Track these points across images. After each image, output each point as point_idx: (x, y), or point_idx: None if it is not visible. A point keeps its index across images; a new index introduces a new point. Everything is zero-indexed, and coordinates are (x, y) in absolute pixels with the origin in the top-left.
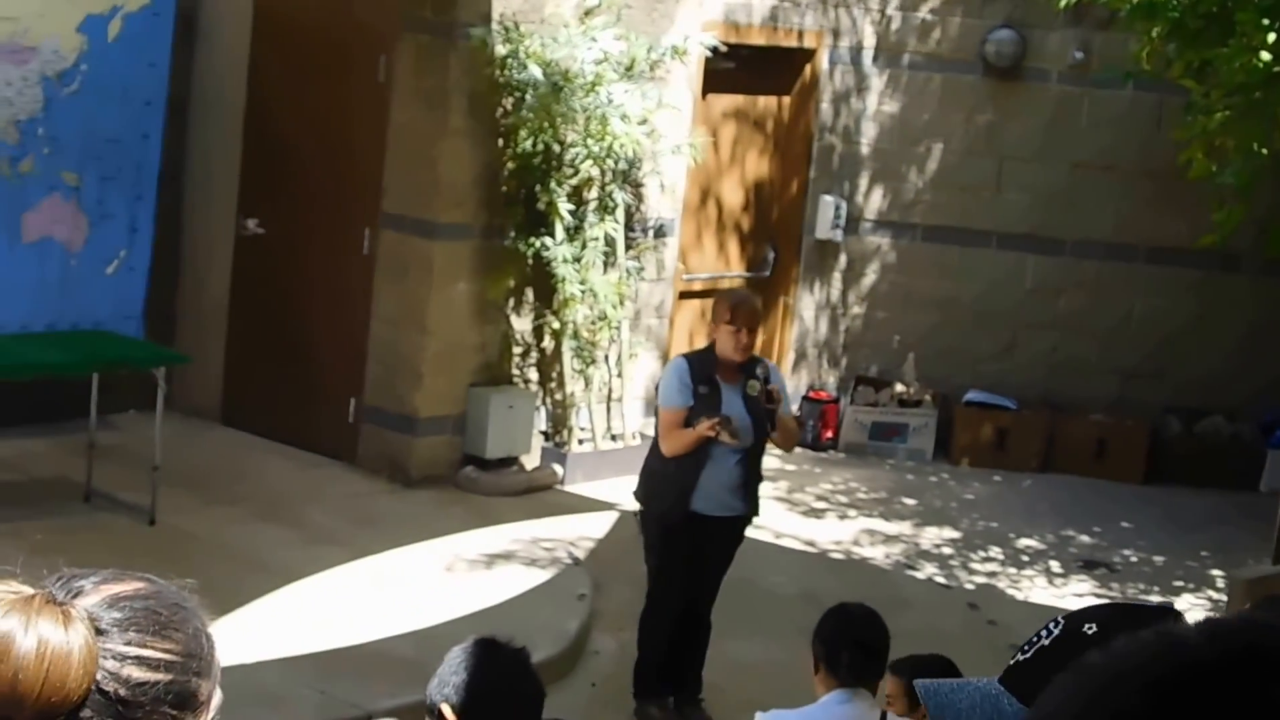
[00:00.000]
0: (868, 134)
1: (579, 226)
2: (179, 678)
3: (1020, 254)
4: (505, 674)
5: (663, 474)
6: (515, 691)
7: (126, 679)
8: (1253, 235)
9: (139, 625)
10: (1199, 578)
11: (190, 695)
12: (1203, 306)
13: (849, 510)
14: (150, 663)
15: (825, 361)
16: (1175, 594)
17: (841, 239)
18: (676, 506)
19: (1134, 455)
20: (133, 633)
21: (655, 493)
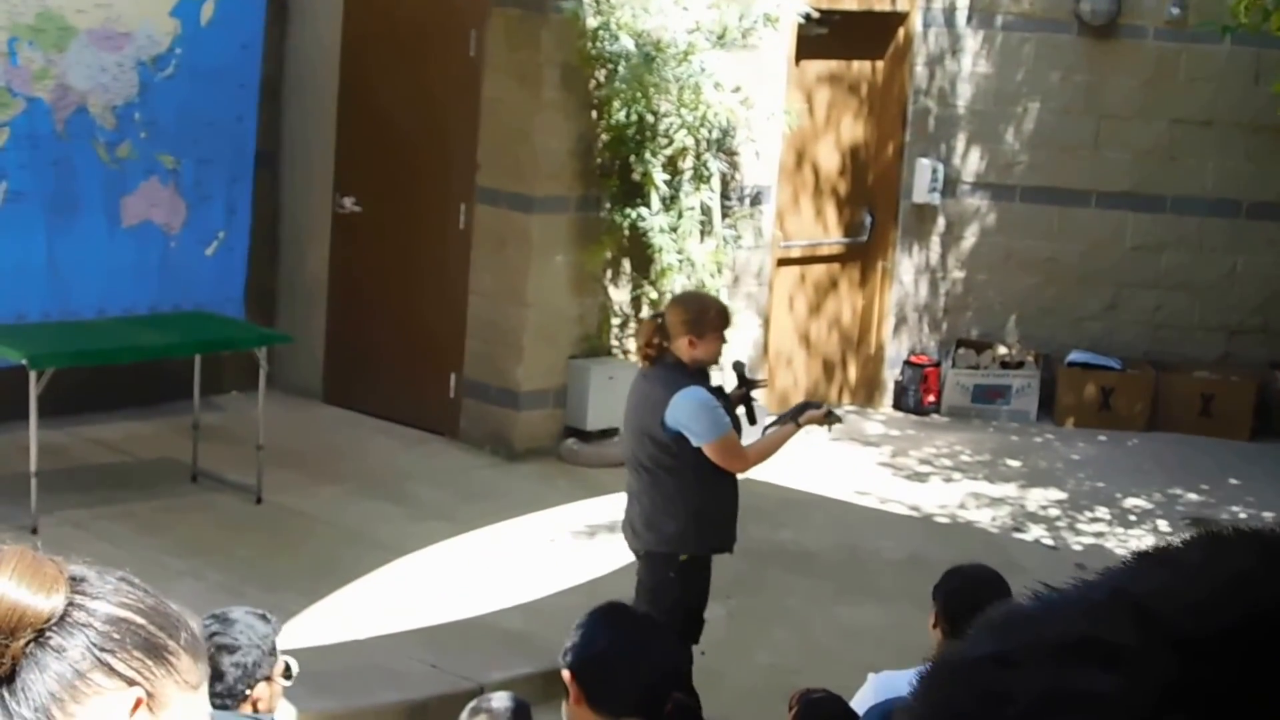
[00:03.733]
0: (963, 96)
1: (674, 196)
2: (151, 624)
3: (1120, 212)
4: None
5: (715, 509)
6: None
7: (95, 611)
8: None
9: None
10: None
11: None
12: None
13: (953, 474)
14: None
15: (925, 325)
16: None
17: (939, 202)
18: (729, 538)
19: (1240, 412)
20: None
21: (706, 530)
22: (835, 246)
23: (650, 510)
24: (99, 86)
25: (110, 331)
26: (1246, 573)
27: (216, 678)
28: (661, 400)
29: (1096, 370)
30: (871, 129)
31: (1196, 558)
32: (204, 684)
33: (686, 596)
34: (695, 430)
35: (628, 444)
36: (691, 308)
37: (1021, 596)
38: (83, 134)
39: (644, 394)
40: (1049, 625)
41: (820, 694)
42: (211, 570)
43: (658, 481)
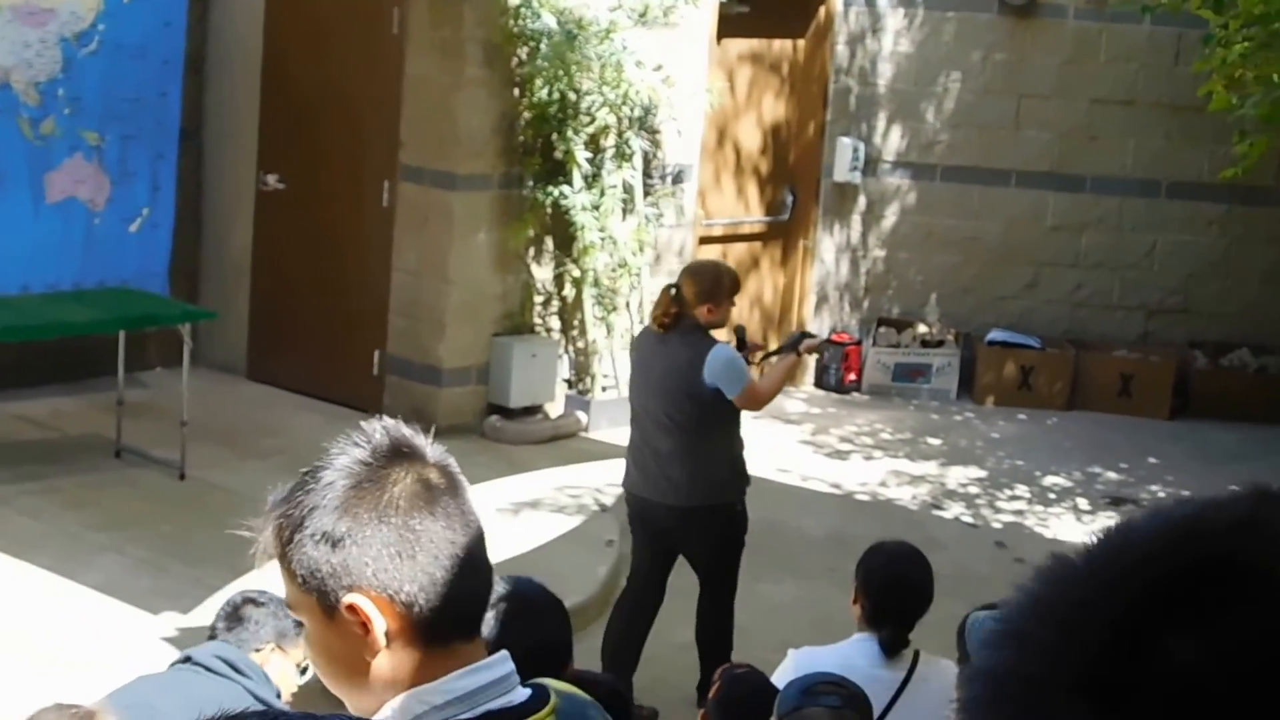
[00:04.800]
0: (884, 75)
1: (597, 174)
2: None
3: (1041, 192)
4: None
5: (741, 453)
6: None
7: None
8: (1275, 167)
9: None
10: None
11: None
12: (1226, 240)
13: (874, 452)
14: None
15: (847, 304)
16: None
17: (860, 181)
18: (749, 478)
19: (1159, 391)
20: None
21: (743, 473)
22: (757, 225)
23: (697, 467)
24: (22, 63)
25: (35, 308)
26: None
27: (236, 621)
28: (695, 360)
29: (1016, 349)
30: (793, 108)
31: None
32: None
33: (738, 541)
34: (730, 382)
35: (658, 409)
36: (707, 277)
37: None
38: (6, 110)
39: (673, 358)
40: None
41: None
42: (134, 545)
43: (700, 438)
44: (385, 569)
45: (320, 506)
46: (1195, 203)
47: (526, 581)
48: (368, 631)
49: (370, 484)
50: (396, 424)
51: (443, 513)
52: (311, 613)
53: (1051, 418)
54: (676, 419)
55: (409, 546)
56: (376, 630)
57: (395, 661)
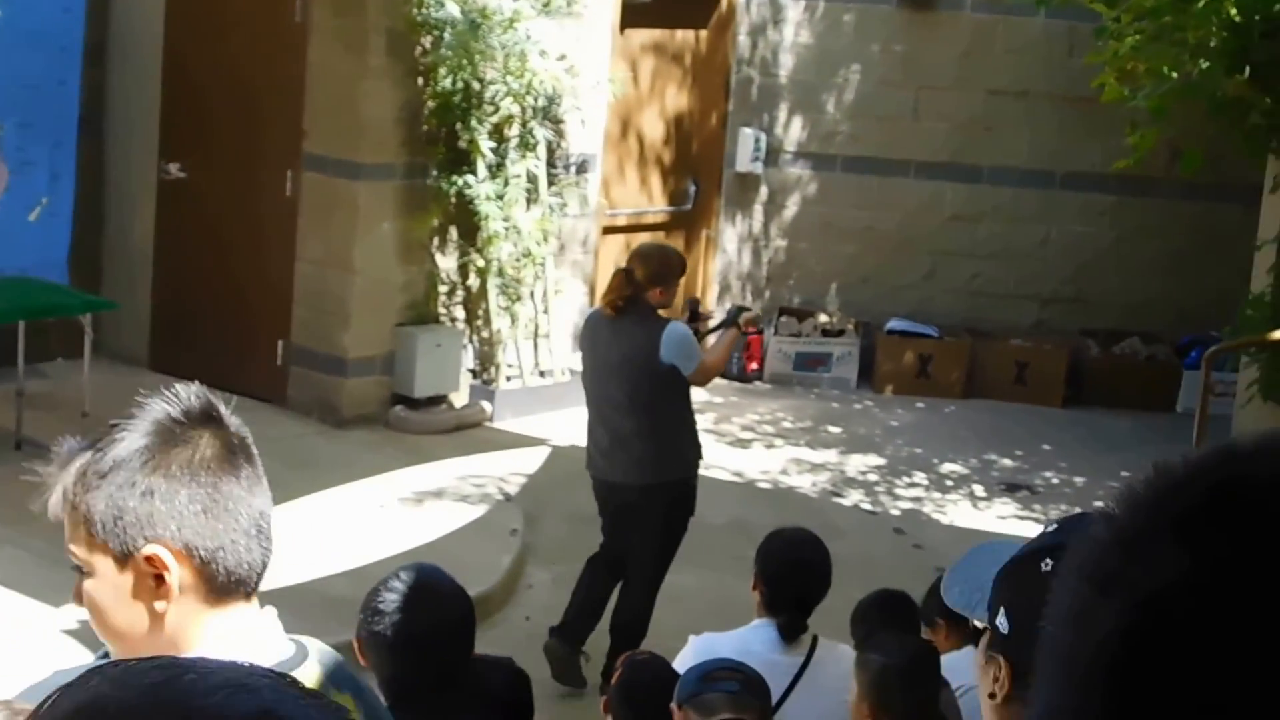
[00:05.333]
0: (785, 66)
1: (501, 164)
2: None
3: (938, 182)
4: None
5: (695, 429)
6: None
7: None
8: (1166, 158)
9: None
10: None
11: None
12: (1119, 230)
13: (775, 440)
14: None
15: (748, 293)
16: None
17: (762, 171)
18: (700, 457)
19: (1053, 379)
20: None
21: (698, 446)
22: (660, 215)
23: (662, 445)
24: None
25: None
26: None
27: None
28: (652, 340)
29: (915, 338)
30: (695, 98)
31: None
32: None
33: (688, 515)
34: (685, 359)
35: (615, 391)
36: (657, 260)
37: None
38: None
39: (629, 340)
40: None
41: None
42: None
43: (661, 416)
44: (190, 524)
45: (129, 458)
46: (1088, 193)
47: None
48: (161, 583)
49: (182, 443)
50: (204, 389)
51: (245, 478)
52: (101, 560)
53: (949, 406)
54: (637, 399)
55: (215, 506)
56: (171, 581)
57: (179, 613)
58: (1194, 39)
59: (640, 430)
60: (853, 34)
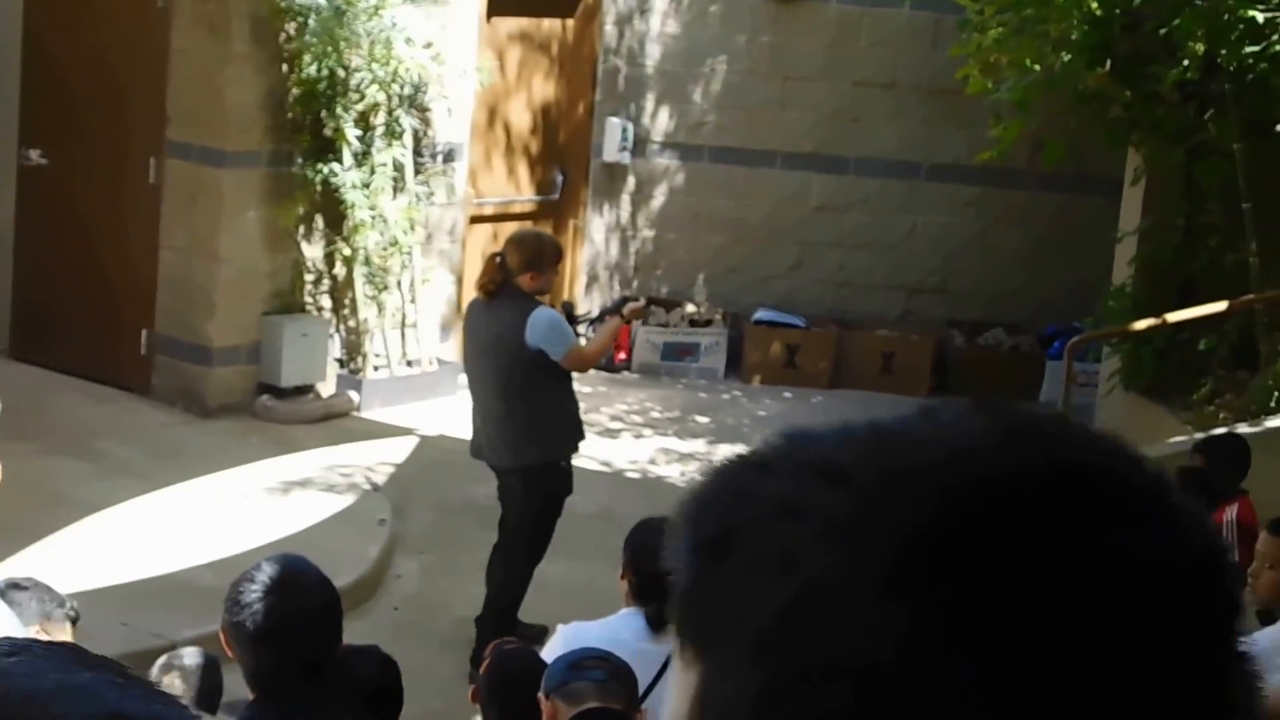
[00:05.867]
0: (652, 56)
1: (367, 152)
2: None
3: (805, 173)
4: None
5: (574, 411)
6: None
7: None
8: (1029, 150)
9: None
10: None
11: None
12: (984, 221)
13: (644, 430)
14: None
15: (616, 283)
16: None
17: (629, 161)
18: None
19: (919, 369)
20: None
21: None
22: (527, 204)
23: (529, 427)
24: None
25: None
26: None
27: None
28: (519, 324)
29: (782, 328)
30: (562, 88)
31: (951, 416)
32: None
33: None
34: (553, 344)
35: (487, 374)
36: (530, 246)
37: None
38: None
39: (498, 324)
40: (813, 445)
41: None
42: None
43: (531, 399)
44: None
45: None
46: (953, 185)
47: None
48: None
49: None
50: None
51: None
52: None
53: (816, 396)
54: (505, 383)
55: None
56: None
57: None
58: (1056, 32)
59: (510, 413)
60: (719, 24)
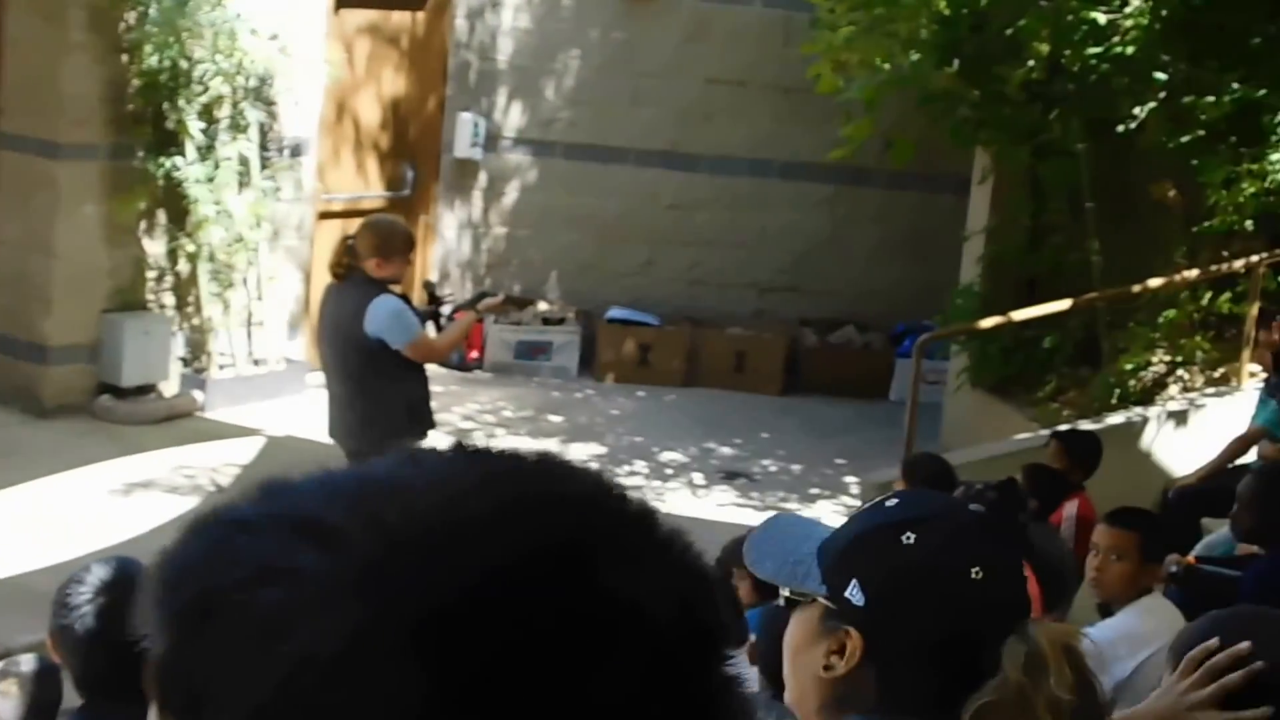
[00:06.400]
0: (504, 50)
1: (211, 146)
2: None
3: (657, 170)
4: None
5: (418, 400)
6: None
7: None
8: (880, 149)
9: None
10: (834, 485)
11: None
12: (835, 219)
13: (496, 429)
14: None
15: (468, 281)
16: (812, 501)
17: (481, 157)
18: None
19: (772, 367)
20: None
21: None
22: (377, 200)
23: (366, 413)
24: None
25: None
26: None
27: None
28: (359, 311)
29: (635, 326)
30: (413, 82)
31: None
32: None
33: None
34: (393, 333)
35: (331, 357)
36: (380, 232)
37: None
38: None
39: (340, 308)
40: (294, 500)
41: None
42: None
43: (368, 386)
44: None
45: None
46: (805, 183)
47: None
48: None
49: None
50: None
51: None
52: None
53: (669, 394)
54: (346, 366)
55: None
56: None
57: None
58: (906, 31)
59: (349, 396)
60: (572, 19)
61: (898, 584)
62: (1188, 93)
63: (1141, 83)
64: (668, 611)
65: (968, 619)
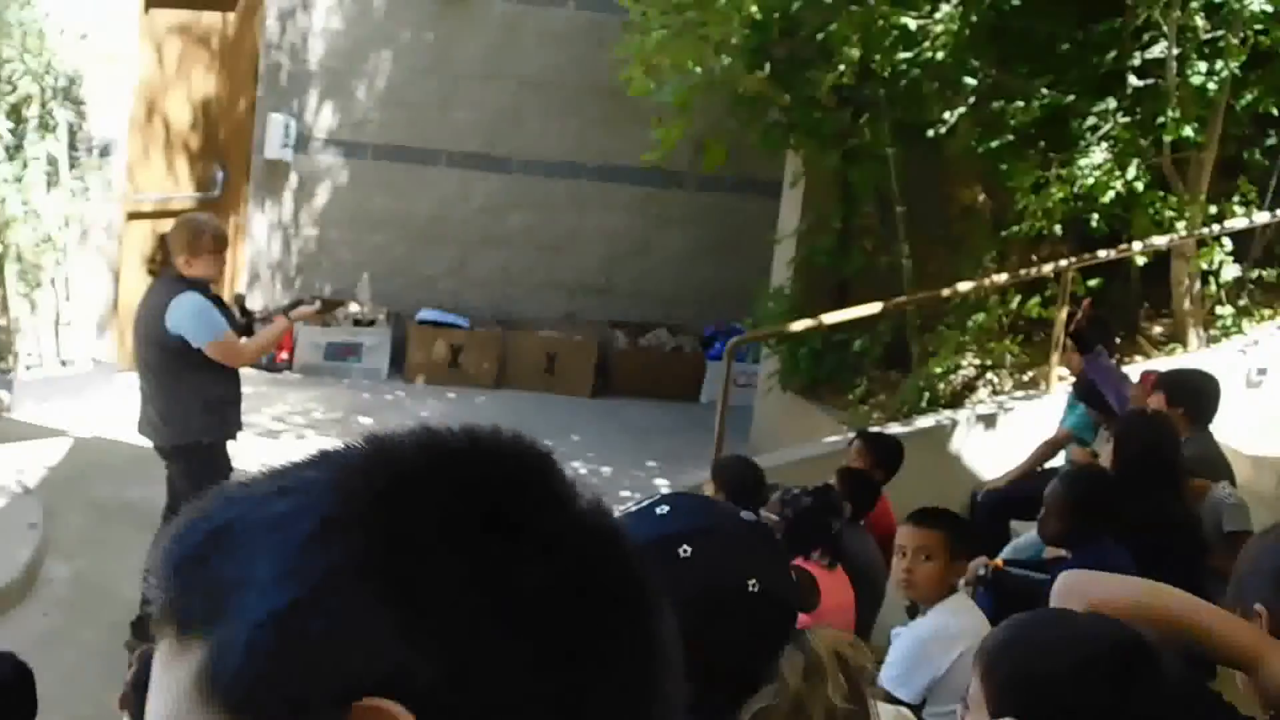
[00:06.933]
0: (315, 51)
1: (19, 145)
2: None
3: (469, 172)
4: None
5: (219, 400)
6: None
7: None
8: (693, 152)
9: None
10: (645, 487)
11: None
12: (647, 222)
13: (306, 431)
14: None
15: (279, 282)
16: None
17: (292, 158)
18: (237, 424)
19: (582, 369)
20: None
21: (217, 418)
22: (187, 201)
23: (166, 408)
24: None
25: None
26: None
27: None
28: (162, 307)
29: (446, 328)
30: (223, 83)
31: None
32: None
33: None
34: (193, 331)
35: (138, 350)
36: (189, 230)
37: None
38: None
39: (148, 304)
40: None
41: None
42: None
43: (165, 383)
44: None
45: None
46: (617, 185)
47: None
48: None
49: None
50: None
51: None
52: None
53: (480, 396)
54: (149, 361)
55: None
56: None
57: None
58: (717, 35)
59: (151, 391)
60: (383, 20)
61: (674, 598)
62: (997, 98)
63: (951, 88)
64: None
65: (747, 630)
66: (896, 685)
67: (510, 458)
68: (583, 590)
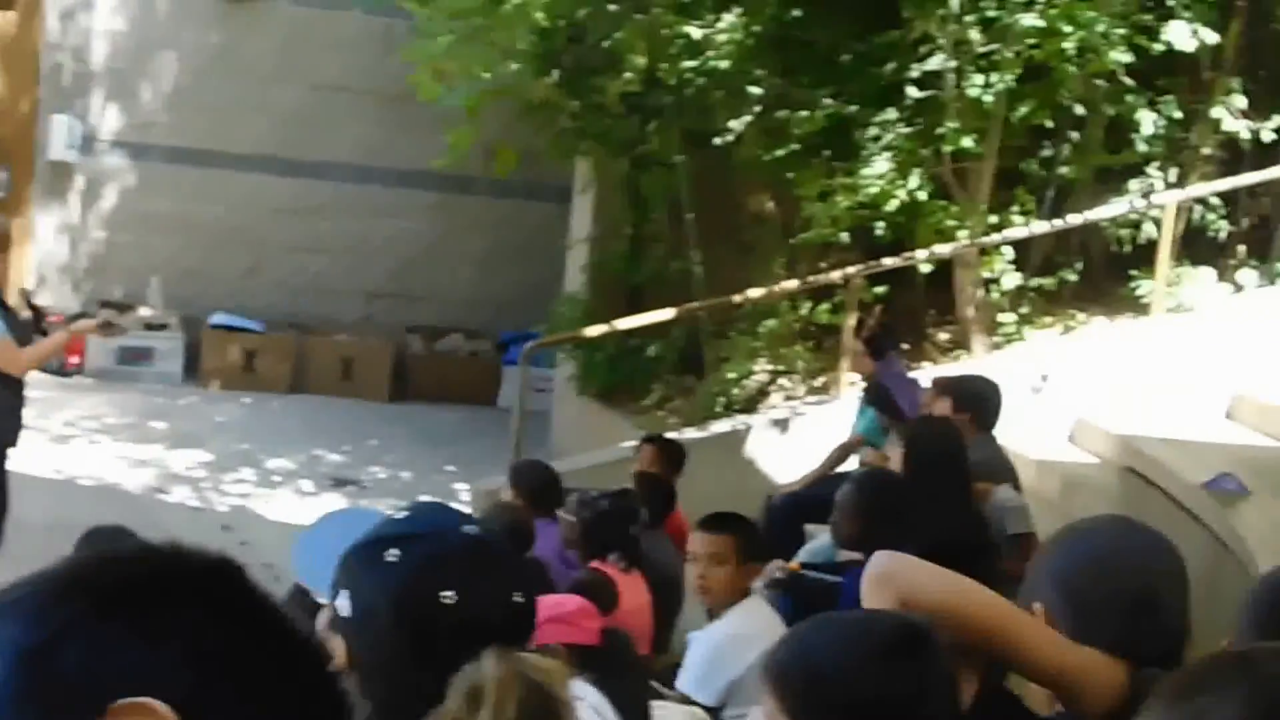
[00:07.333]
0: (99, 52)
1: None
2: None
3: (262, 175)
4: None
5: (9, 405)
6: None
7: None
8: (484, 157)
9: None
10: (444, 491)
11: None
12: (440, 227)
13: (98, 436)
14: None
15: (68, 286)
16: None
17: (77, 160)
18: (19, 428)
19: (379, 374)
20: None
21: (3, 427)
22: None
23: None
24: None
25: None
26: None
27: None
28: None
29: (240, 332)
30: (4, 83)
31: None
32: None
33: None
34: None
35: None
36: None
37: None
38: None
39: None
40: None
41: None
42: None
43: None
44: None
45: None
46: (410, 190)
47: None
48: None
49: None
50: None
51: None
52: None
53: (275, 401)
54: None
55: None
56: None
57: None
58: (505, 41)
59: None
60: (167, 21)
61: (374, 600)
62: (782, 107)
63: (737, 97)
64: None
65: (432, 641)
66: (695, 688)
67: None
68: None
